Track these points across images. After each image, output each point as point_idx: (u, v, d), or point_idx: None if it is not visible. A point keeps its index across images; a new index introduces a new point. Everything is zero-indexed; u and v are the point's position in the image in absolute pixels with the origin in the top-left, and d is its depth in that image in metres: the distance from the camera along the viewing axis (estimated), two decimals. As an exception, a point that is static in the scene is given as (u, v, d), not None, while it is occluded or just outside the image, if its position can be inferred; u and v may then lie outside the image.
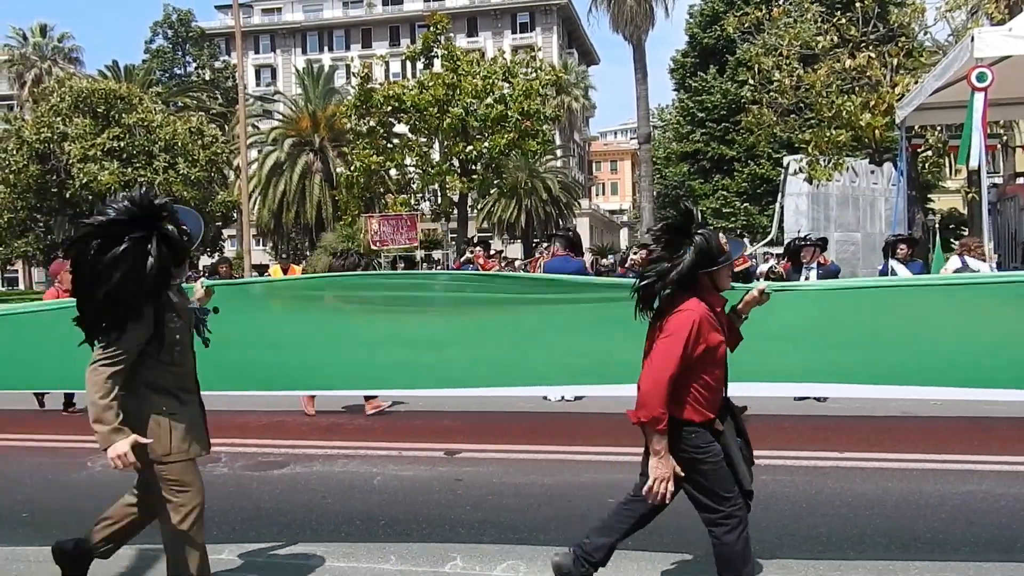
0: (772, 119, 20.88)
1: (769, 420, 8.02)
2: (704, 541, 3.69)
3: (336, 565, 4.38)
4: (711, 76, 41.44)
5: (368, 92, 30.21)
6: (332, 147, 42.95)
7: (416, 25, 58.43)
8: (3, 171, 33.58)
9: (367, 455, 6.81)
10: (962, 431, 7.25)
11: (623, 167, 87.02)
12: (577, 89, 59.93)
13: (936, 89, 10.59)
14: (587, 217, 59.64)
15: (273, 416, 8.68)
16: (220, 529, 4.94)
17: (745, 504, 3.47)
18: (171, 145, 33.02)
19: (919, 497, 5.26)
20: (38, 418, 8.95)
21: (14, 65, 54.59)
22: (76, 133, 32.02)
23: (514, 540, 4.66)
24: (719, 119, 40.87)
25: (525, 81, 30.33)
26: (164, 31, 58.50)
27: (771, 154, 36.86)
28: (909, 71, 18.29)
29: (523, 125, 29.54)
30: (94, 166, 31.62)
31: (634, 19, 37.91)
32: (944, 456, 6.23)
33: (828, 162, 19.84)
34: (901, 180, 14.40)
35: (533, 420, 8.23)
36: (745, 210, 40.32)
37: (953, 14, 18.21)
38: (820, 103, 19.03)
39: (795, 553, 4.36)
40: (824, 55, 19.07)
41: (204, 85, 53.52)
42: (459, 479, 6.00)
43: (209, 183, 36.13)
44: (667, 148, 48.91)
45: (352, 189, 31.13)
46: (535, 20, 65.57)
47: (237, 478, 6.24)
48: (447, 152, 31.22)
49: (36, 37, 55.78)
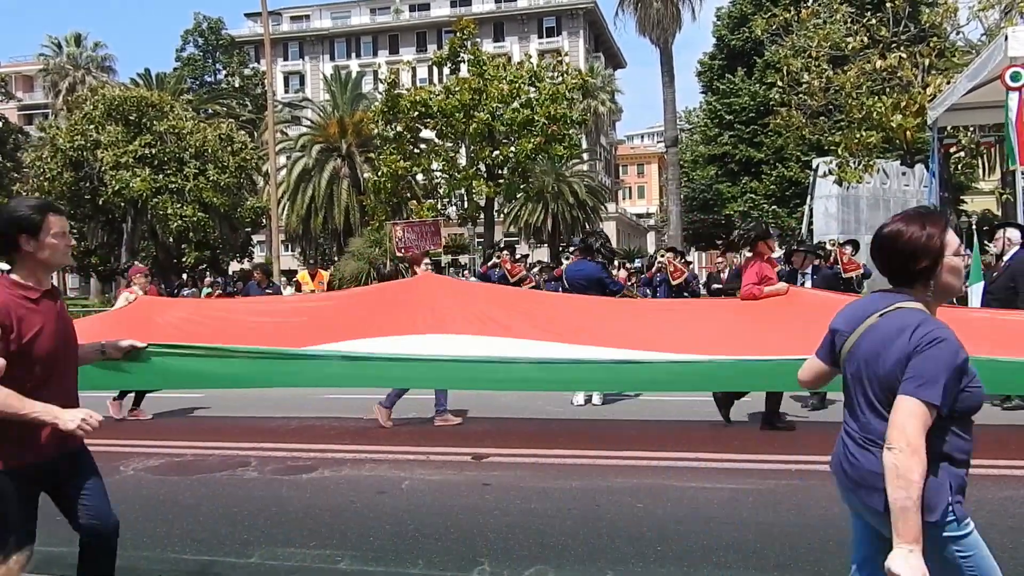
0: (801, 121, 20.70)
1: (801, 424, 7.94)
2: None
3: (364, 569, 4.38)
4: (739, 78, 41.16)
5: (395, 98, 30.36)
6: (360, 153, 43.21)
7: (443, 31, 58.66)
8: (38, 178, 34.16)
9: (395, 459, 6.82)
10: (1000, 436, 7.12)
11: (650, 171, 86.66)
12: (604, 93, 59.80)
13: (969, 89, 10.45)
14: (614, 221, 59.46)
15: (303, 420, 8.74)
16: (249, 532, 4.98)
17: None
18: (201, 152, 33.39)
19: (955, 504, 5.17)
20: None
21: (49, 74, 55.58)
22: (108, 140, 32.47)
23: (542, 545, 4.64)
24: (747, 122, 40.56)
25: (552, 85, 30.31)
26: (195, 39, 59.23)
27: (800, 156, 36.53)
28: (941, 71, 18.04)
29: (549, 129, 29.51)
30: (126, 173, 32.05)
31: (661, 22, 37.72)
32: (981, 460, 6.09)
33: (858, 164, 19.63)
34: (933, 182, 14.20)
35: (560, 424, 8.21)
36: (773, 213, 39.94)
37: (986, 13, 17.92)
38: (850, 104, 18.83)
39: (829, 560, 4.29)
40: (854, 56, 18.87)
41: (234, 92, 54.10)
42: (487, 483, 5.99)
43: (239, 189, 36.48)
44: (695, 151, 48.63)
45: (379, 194, 31.29)
46: (561, 24, 65.55)
47: (266, 482, 6.28)
48: (474, 157, 31.27)
49: (71, 46, 56.77)
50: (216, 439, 7.84)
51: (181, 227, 32.61)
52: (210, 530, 5.07)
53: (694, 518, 5.05)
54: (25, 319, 2.85)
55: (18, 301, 2.86)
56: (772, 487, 5.65)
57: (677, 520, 5.01)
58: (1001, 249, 8.45)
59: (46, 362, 2.92)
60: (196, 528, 5.12)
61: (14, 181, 41.86)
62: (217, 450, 7.38)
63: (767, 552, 4.41)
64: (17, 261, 2.93)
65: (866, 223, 23.28)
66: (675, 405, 9.03)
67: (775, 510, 5.15)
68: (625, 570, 4.24)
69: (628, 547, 4.53)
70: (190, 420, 9.29)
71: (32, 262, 2.93)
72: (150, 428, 8.79)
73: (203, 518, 5.35)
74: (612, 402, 9.28)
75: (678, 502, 5.42)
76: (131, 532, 5.05)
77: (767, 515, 5.06)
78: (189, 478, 6.55)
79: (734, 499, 5.42)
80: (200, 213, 32.83)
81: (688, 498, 5.50)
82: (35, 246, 2.91)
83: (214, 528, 5.12)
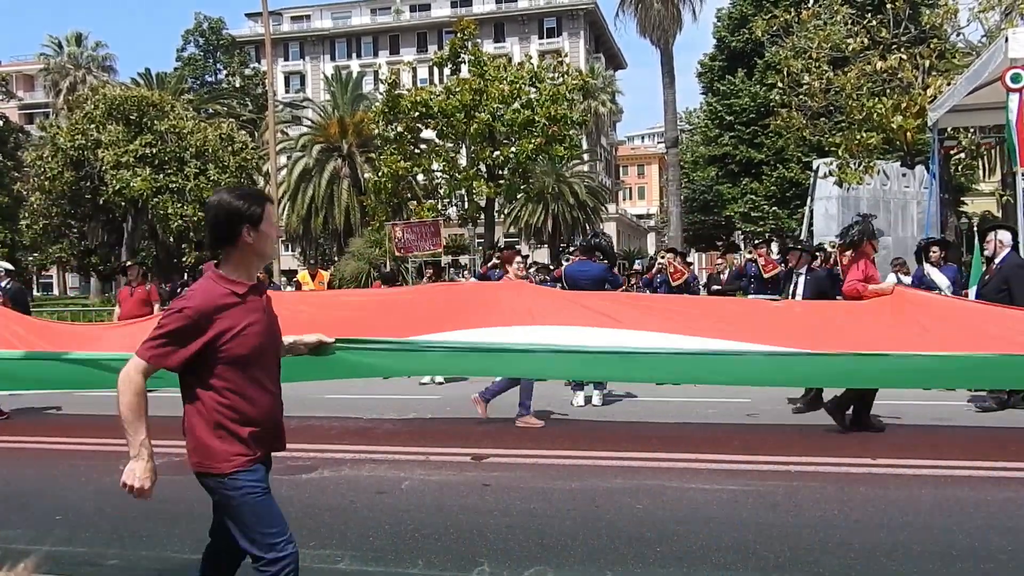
0: (801, 122, 20.70)
1: (801, 426, 7.95)
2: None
3: (363, 569, 4.38)
4: (739, 79, 41.15)
5: (396, 98, 30.35)
6: (360, 153, 43.22)
7: (443, 31, 58.67)
8: (39, 178, 34.15)
9: (395, 459, 6.82)
10: (998, 438, 7.13)
11: (650, 171, 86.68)
12: (604, 94, 59.82)
13: (969, 91, 10.46)
14: (614, 222, 59.47)
15: (302, 420, 8.74)
16: (249, 532, 4.98)
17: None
18: (202, 151, 33.38)
19: (954, 504, 5.17)
20: (72, 421, 9.07)
21: (50, 73, 55.62)
22: (109, 140, 32.46)
23: (541, 545, 4.64)
24: (747, 123, 40.55)
25: (552, 86, 30.29)
26: (195, 39, 59.25)
27: (800, 157, 36.53)
28: (941, 73, 18.05)
29: (550, 130, 29.49)
30: (127, 173, 32.04)
31: (661, 23, 37.73)
32: (980, 463, 6.12)
33: (859, 165, 19.63)
34: (933, 183, 14.23)
35: (560, 425, 8.21)
36: (774, 214, 39.94)
37: (987, 15, 17.93)
38: (850, 106, 18.84)
39: (827, 560, 4.30)
40: (854, 57, 18.88)
41: (234, 92, 54.11)
42: (487, 484, 5.99)
43: (239, 189, 36.50)
44: (695, 152, 48.64)
45: (380, 195, 31.27)
46: (562, 25, 65.56)
47: (266, 481, 6.28)
48: (474, 157, 31.26)
49: (71, 46, 56.80)
50: (216, 439, 7.82)
51: (181, 227, 32.59)
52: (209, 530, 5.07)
53: (693, 519, 5.05)
54: (228, 317, 2.75)
55: (223, 300, 2.76)
56: (771, 488, 5.65)
57: (677, 521, 5.01)
58: (992, 251, 8.43)
59: (251, 360, 2.82)
60: (196, 527, 5.09)
61: (15, 180, 41.86)
62: (217, 450, 7.37)
63: (767, 552, 4.41)
64: (227, 254, 2.82)
65: (866, 224, 23.27)
66: (674, 406, 9.04)
67: (774, 510, 5.15)
68: (625, 571, 4.24)
69: (628, 548, 4.53)
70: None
71: (250, 254, 2.83)
72: (150, 428, 8.77)
73: (203, 518, 5.33)
74: (611, 403, 9.29)
75: (677, 503, 5.42)
76: (131, 531, 5.07)
77: (767, 515, 5.06)
78: (189, 478, 6.52)
79: (734, 500, 5.43)
80: (200, 213, 32.78)
81: (688, 499, 5.50)
82: (255, 237, 2.81)
83: (214, 528, 5.11)
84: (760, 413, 8.58)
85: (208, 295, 2.74)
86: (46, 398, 9.68)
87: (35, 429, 8.69)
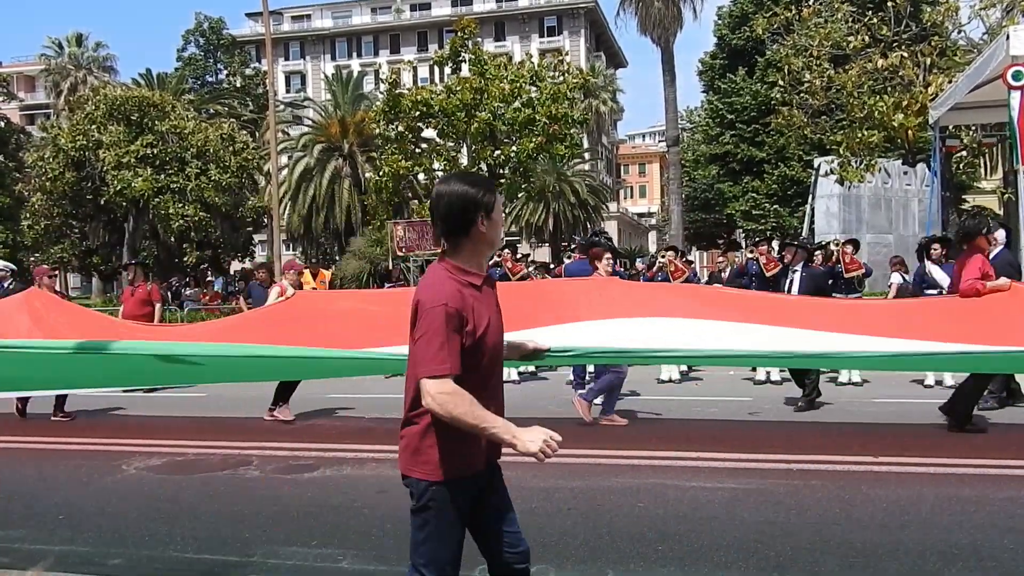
0: (802, 120, 20.71)
1: (802, 424, 7.95)
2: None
3: (365, 568, 4.39)
4: (740, 78, 41.12)
5: (396, 97, 30.34)
6: (361, 152, 43.20)
7: (444, 30, 58.67)
8: (40, 179, 34.15)
9: (397, 459, 6.81)
10: (1000, 436, 7.13)
11: (651, 170, 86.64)
12: (605, 92, 59.77)
13: (971, 88, 10.45)
14: (615, 220, 59.44)
15: (304, 419, 8.75)
16: (251, 531, 4.99)
17: None
18: (203, 151, 33.37)
19: (955, 503, 5.17)
20: (74, 422, 9.08)
21: (51, 74, 55.61)
22: (110, 141, 32.46)
23: (543, 544, 4.63)
24: (749, 121, 40.52)
25: (553, 85, 30.27)
26: (196, 39, 59.22)
27: (801, 156, 36.52)
28: (942, 70, 18.05)
29: (551, 129, 29.47)
30: (128, 173, 32.04)
31: (662, 21, 37.70)
32: (982, 461, 6.12)
33: (860, 163, 19.63)
34: (935, 181, 14.22)
35: (560, 424, 8.19)
36: (775, 212, 39.92)
37: (988, 12, 17.92)
38: (851, 104, 18.84)
39: (828, 560, 4.30)
40: (855, 55, 18.88)
41: (235, 92, 54.08)
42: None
43: (240, 189, 36.47)
44: (696, 150, 48.60)
45: (381, 194, 31.28)
46: (562, 24, 65.53)
47: (268, 481, 6.29)
48: (475, 156, 31.24)
49: (72, 47, 56.78)
50: (218, 438, 7.85)
51: (183, 227, 32.59)
52: (212, 529, 5.08)
53: (695, 517, 5.05)
54: (475, 310, 2.56)
55: (467, 290, 2.56)
56: (772, 487, 5.65)
57: (678, 519, 5.01)
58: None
59: (489, 360, 2.64)
60: (198, 527, 5.13)
61: (16, 181, 41.87)
62: (219, 449, 7.39)
63: (768, 551, 4.41)
64: (459, 245, 2.63)
65: (867, 222, 23.29)
66: (675, 404, 9.04)
67: (775, 510, 5.15)
68: (626, 570, 4.24)
69: (629, 546, 4.53)
70: (192, 419, 9.29)
71: (482, 243, 2.64)
72: (151, 428, 8.79)
73: (205, 517, 5.36)
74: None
75: (678, 502, 5.42)
76: (133, 531, 5.07)
77: (768, 514, 5.06)
78: (191, 477, 6.56)
79: (734, 499, 5.42)
80: (202, 213, 32.81)
81: (689, 498, 5.50)
82: (488, 226, 2.64)
83: (216, 527, 5.13)
84: (761, 412, 8.58)
85: (451, 288, 2.53)
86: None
87: (36, 429, 8.70)
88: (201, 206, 32.85)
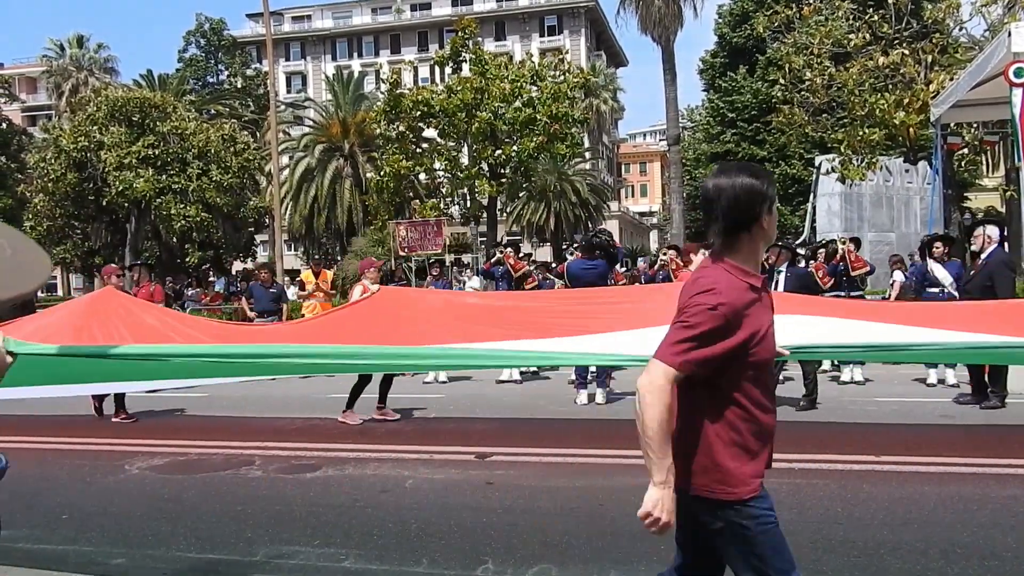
0: (803, 118, 20.69)
1: (804, 423, 7.95)
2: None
3: (368, 567, 4.39)
4: (741, 76, 41.12)
5: (397, 97, 30.35)
6: (362, 152, 43.22)
7: (444, 30, 58.66)
8: (42, 180, 34.17)
9: (399, 458, 6.83)
10: (1003, 436, 7.12)
11: (652, 169, 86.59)
12: (606, 91, 59.74)
13: (972, 86, 10.44)
14: (616, 219, 59.40)
15: (307, 420, 8.75)
16: (253, 531, 5.00)
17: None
18: (204, 152, 33.38)
19: (958, 501, 5.16)
20: (77, 422, 9.09)
21: (52, 76, 55.65)
22: (112, 142, 32.47)
23: (545, 543, 4.64)
24: (749, 119, 40.52)
25: (553, 84, 30.29)
26: (197, 40, 59.26)
27: (803, 154, 36.51)
28: (944, 68, 18.04)
29: (552, 128, 29.48)
30: (129, 174, 32.05)
31: (662, 20, 37.67)
32: (984, 460, 6.11)
33: (861, 161, 19.62)
34: (936, 179, 14.21)
35: (563, 423, 8.21)
36: (776, 211, 39.99)
37: (989, 9, 17.91)
38: (852, 102, 18.82)
39: (830, 559, 4.29)
40: (856, 53, 18.86)
41: (236, 93, 54.10)
42: (490, 482, 6.00)
43: (242, 189, 36.48)
44: (697, 149, 48.60)
45: (382, 194, 31.30)
46: (563, 23, 65.51)
47: (270, 481, 6.30)
48: (476, 156, 31.26)
49: (73, 48, 56.80)
50: (220, 438, 7.85)
51: (184, 227, 32.60)
52: (214, 529, 5.09)
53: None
54: (754, 316, 2.34)
55: (748, 295, 2.34)
56: (772, 486, 5.59)
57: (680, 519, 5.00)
58: (980, 246, 8.44)
59: (768, 367, 2.43)
60: (200, 526, 5.13)
61: (18, 182, 41.93)
62: (221, 449, 7.40)
63: (770, 550, 4.40)
64: (737, 242, 2.41)
65: (869, 221, 23.26)
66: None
67: (777, 508, 5.13)
68: (628, 569, 4.24)
69: (631, 546, 4.52)
70: (194, 419, 9.30)
71: (759, 240, 2.44)
72: (154, 428, 8.80)
73: (207, 517, 5.37)
74: (615, 401, 9.28)
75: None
76: (136, 531, 5.08)
77: (770, 513, 5.05)
78: (193, 477, 6.57)
79: (737, 497, 5.41)
80: (203, 213, 32.81)
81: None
82: (769, 221, 2.46)
83: (218, 527, 5.13)
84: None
85: (734, 289, 2.31)
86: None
87: (37, 429, 8.70)
88: (203, 207, 32.85)
